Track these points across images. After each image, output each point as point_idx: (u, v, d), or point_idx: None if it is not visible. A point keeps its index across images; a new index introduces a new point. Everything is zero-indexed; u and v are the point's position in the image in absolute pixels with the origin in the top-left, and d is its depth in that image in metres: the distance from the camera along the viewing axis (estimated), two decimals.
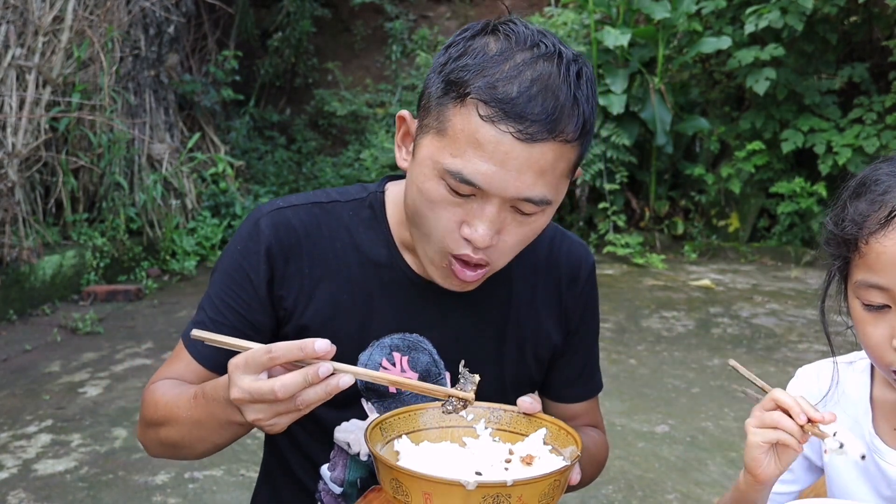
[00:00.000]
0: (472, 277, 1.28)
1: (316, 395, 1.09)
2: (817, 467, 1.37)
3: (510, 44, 1.18)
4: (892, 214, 1.12)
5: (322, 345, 1.09)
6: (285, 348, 1.09)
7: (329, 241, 1.40)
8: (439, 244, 1.26)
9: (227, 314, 1.39)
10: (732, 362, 1.24)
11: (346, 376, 1.09)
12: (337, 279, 1.40)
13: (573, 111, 1.18)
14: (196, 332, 1.16)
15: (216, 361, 1.38)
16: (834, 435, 1.09)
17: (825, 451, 1.14)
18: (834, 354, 1.33)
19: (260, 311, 1.39)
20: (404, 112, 1.34)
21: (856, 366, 1.32)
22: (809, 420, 1.10)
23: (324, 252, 1.40)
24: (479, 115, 1.16)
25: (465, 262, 1.27)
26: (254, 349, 1.10)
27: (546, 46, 1.19)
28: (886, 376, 1.20)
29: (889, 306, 1.13)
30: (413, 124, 1.31)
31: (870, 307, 1.15)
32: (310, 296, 1.39)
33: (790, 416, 1.11)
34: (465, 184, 1.19)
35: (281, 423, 1.13)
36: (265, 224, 1.39)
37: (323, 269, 1.39)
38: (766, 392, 1.17)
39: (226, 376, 1.16)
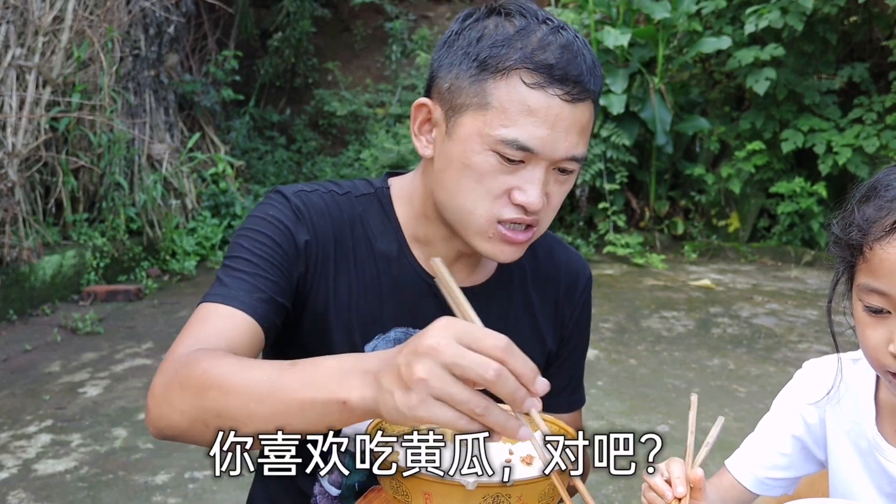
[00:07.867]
0: (524, 238, 1.31)
1: (497, 420, 0.91)
2: (817, 459, 1.38)
3: (526, 20, 1.28)
4: None
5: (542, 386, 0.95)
6: (521, 362, 0.92)
7: (349, 230, 1.41)
8: (488, 213, 1.29)
9: (262, 266, 1.29)
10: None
11: (524, 429, 0.93)
12: (352, 269, 1.40)
13: (597, 72, 1.30)
14: (437, 261, 1.01)
15: (265, 317, 1.25)
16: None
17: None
18: (838, 351, 1.35)
19: (297, 263, 1.33)
20: (426, 99, 1.35)
21: (861, 363, 1.33)
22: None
23: (344, 239, 1.40)
24: (525, 83, 1.24)
25: (515, 226, 1.30)
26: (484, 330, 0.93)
27: (554, 21, 1.30)
28: (882, 378, 1.22)
29: (889, 311, 1.15)
30: (436, 110, 1.33)
31: (870, 310, 1.17)
32: (328, 281, 1.38)
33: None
34: (521, 150, 1.25)
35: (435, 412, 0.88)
36: (295, 200, 1.37)
37: (341, 257, 1.40)
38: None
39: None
